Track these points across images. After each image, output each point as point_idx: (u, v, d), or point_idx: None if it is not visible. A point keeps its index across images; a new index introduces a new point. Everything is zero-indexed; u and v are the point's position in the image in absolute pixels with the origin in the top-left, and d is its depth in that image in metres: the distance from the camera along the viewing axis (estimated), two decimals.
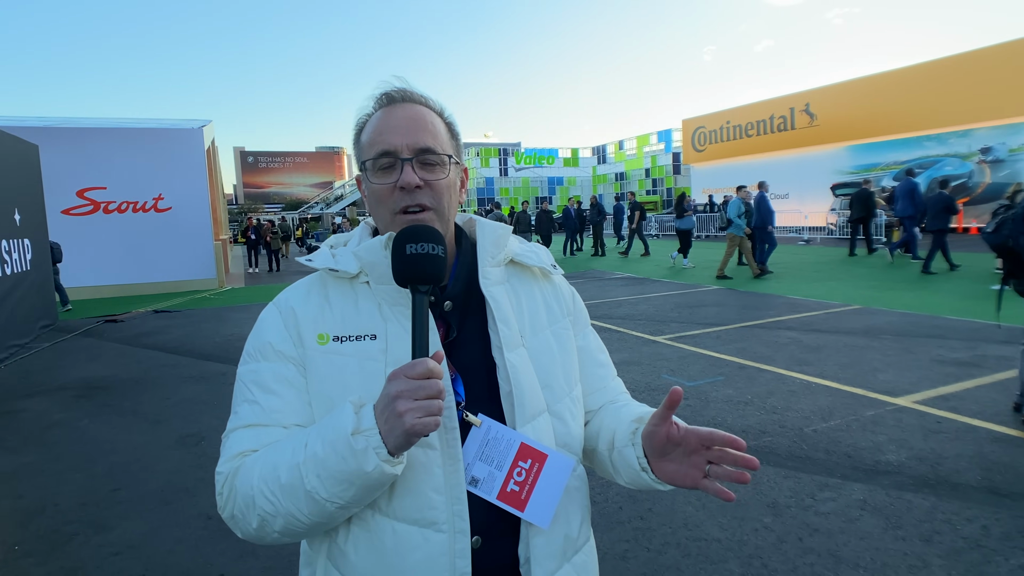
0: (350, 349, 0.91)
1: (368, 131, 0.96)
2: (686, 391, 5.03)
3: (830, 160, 24.58)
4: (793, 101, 26.03)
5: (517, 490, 0.89)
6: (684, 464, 0.87)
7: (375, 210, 0.97)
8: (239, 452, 0.88)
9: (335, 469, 0.79)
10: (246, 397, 0.92)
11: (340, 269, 0.94)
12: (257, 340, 0.95)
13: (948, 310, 7.63)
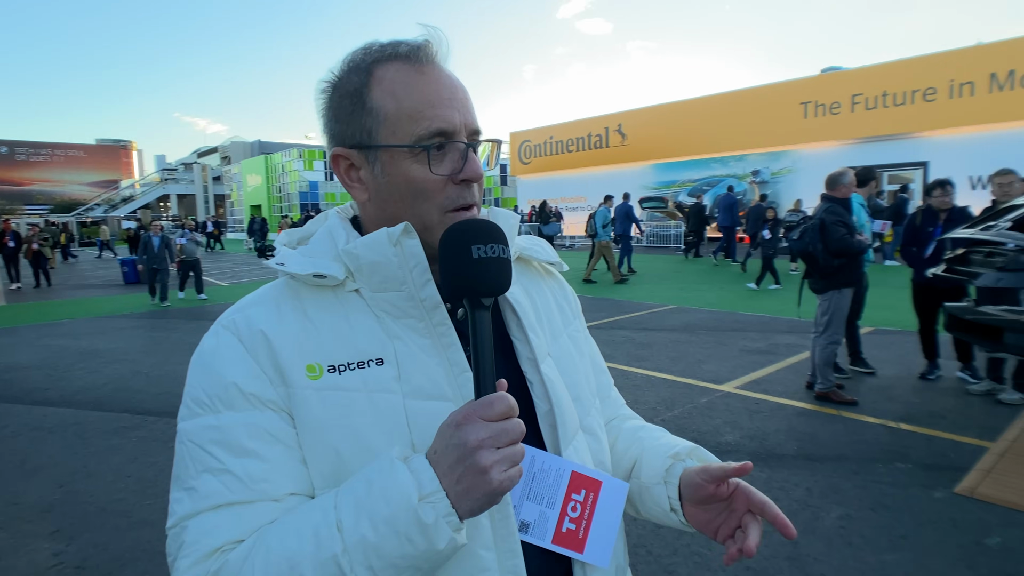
0: (354, 381, 0.69)
1: (401, 96, 0.72)
2: None
3: (638, 176, 27.28)
4: (608, 121, 28.52)
5: (574, 528, 0.75)
6: (721, 516, 0.79)
7: (413, 205, 0.73)
8: (215, 548, 0.63)
9: (395, 555, 0.59)
10: (207, 465, 0.66)
11: (328, 274, 0.71)
12: (210, 382, 0.69)
13: (743, 307, 8.87)
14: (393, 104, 0.72)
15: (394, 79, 0.72)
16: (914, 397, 4.70)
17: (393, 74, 0.73)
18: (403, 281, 0.72)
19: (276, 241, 0.82)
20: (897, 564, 2.59)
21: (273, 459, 0.67)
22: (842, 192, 4.69)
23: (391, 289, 0.72)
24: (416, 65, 0.73)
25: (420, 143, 0.71)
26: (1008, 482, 3.26)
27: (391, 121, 0.72)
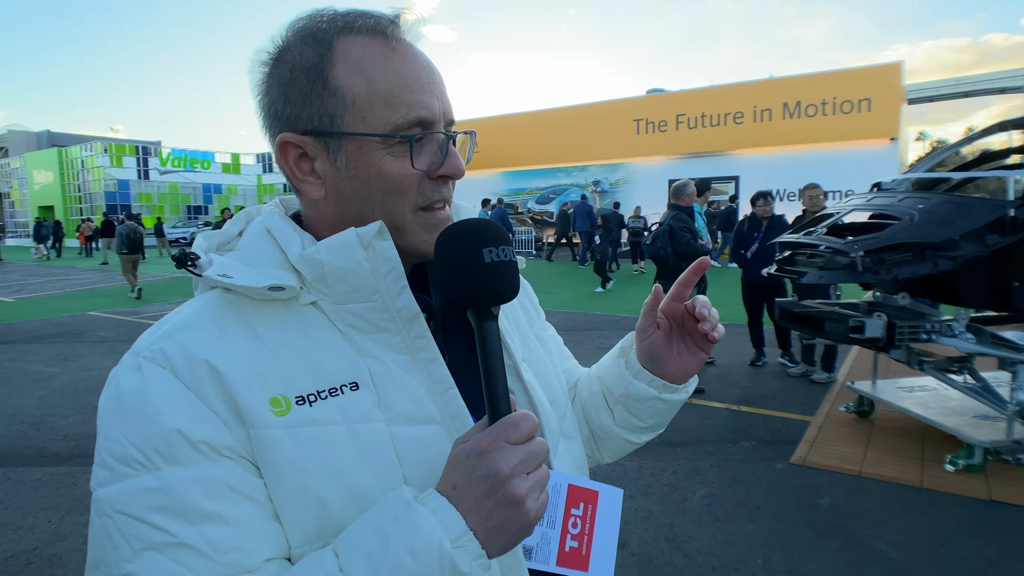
0: (329, 412, 0.58)
1: (374, 75, 0.60)
2: None
3: (489, 183, 27.94)
4: (461, 128, 28.93)
5: (576, 545, 0.70)
6: (685, 346, 0.78)
7: (381, 203, 0.63)
8: None
9: None
10: (150, 541, 0.51)
11: (288, 286, 0.59)
12: (142, 433, 0.53)
13: (596, 307, 9.47)
14: (364, 85, 0.60)
15: (363, 55, 0.61)
16: (748, 382, 5.36)
17: (362, 50, 0.61)
18: (376, 290, 0.61)
19: (197, 248, 0.66)
20: (757, 532, 2.93)
21: (240, 520, 0.53)
22: (686, 201, 5.23)
23: (361, 300, 0.61)
24: (388, 41, 0.62)
25: (399, 132, 0.60)
26: (827, 449, 3.85)
27: (361, 105, 0.60)
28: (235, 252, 0.66)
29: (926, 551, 2.74)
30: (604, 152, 23.56)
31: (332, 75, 0.60)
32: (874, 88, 18.61)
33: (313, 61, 0.61)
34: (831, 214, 3.86)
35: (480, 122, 28.28)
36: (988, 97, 45.94)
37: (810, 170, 17.88)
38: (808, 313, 3.68)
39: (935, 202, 3.43)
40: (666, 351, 0.78)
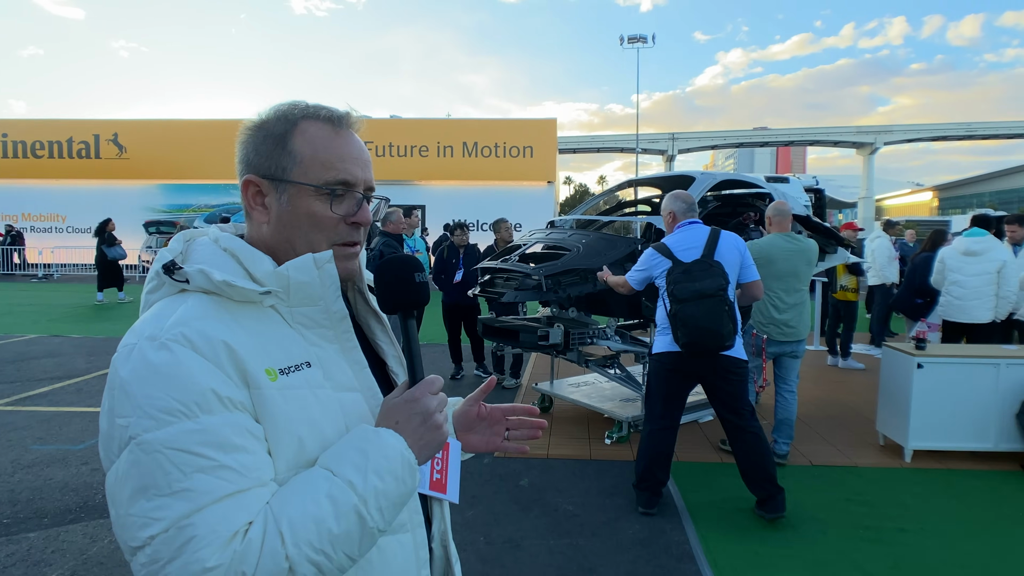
0: (299, 381, 0.81)
1: (316, 146, 0.85)
2: (76, 455, 4.31)
3: (143, 196, 24.07)
4: (99, 128, 24.11)
5: (439, 478, 0.99)
6: (487, 434, 1.07)
7: (307, 233, 0.86)
8: (234, 532, 0.69)
9: (395, 495, 0.77)
10: (199, 466, 0.69)
11: (270, 287, 0.81)
12: (181, 391, 0.71)
13: None
14: (310, 151, 0.85)
15: (316, 134, 0.86)
16: (450, 393, 5.91)
17: (316, 130, 0.87)
18: (320, 297, 0.85)
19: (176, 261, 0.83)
20: (476, 516, 3.39)
21: (256, 451, 0.75)
22: (393, 228, 5.60)
23: (308, 304, 0.85)
24: (336, 128, 0.88)
25: (327, 186, 0.85)
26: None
27: (305, 164, 0.85)
28: (203, 264, 0.81)
29: (598, 504, 3.56)
30: None
31: (291, 142, 0.86)
32: (535, 138, 22.25)
33: (280, 131, 0.86)
34: (520, 245, 4.68)
35: (128, 124, 24.30)
36: (612, 153, 59.21)
37: (487, 204, 20.40)
38: (506, 327, 4.38)
39: (592, 238, 4.48)
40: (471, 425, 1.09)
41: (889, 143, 54.73)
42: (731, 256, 3.38)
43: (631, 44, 38.49)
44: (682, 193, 3.63)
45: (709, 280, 3.21)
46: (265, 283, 0.81)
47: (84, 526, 3.25)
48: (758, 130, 61.50)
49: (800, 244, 4.15)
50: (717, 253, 3.33)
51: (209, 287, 0.79)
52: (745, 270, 3.45)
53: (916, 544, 3.15)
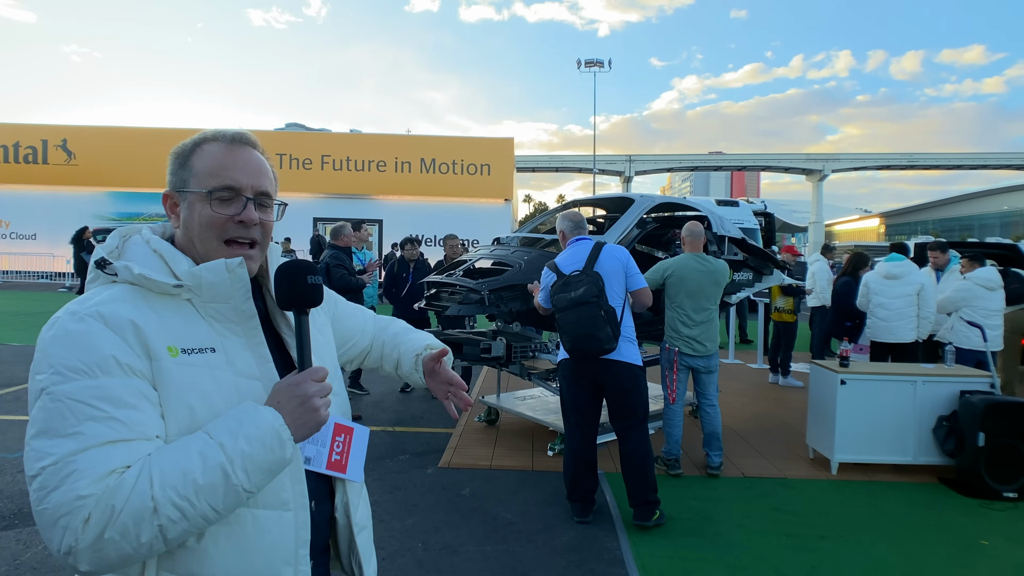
0: (199, 361, 0.94)
1: (207, 160, 1.02)
2: (12, 462, 4.18)
3: (90, 204, 23.29)
4: (47, 132, 23.31)
5: (339, 459, 1.11)
6: (440, 388, 1.32)
7: (198, 231, 1.01)
8: (111, 470, 0.82)
9: (262, 460, 0.88)
10: (90, 415, 0.84)
11: (182, 281, 0.95)
12: (87, 355, 0.86)
13: None
14: (202, 166, 1.02)
15: (210, 151, 1.03)
16: (400, 406, 5.98)
17: (211, 148, 1.04)
18: (230, 297, 1.00)
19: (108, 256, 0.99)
20: (415, 525, 3.43)
21: (145, 411, 0.88)
22: (343, 241, 5.64)
23: (219, 302, 0.99)
24: (228, 145, 1.04)
25: (211, 191, 1.01)
26: (466, 452, 4.66)
27: (198, 176, 1.02)
28: (133, 262, 0.96)
29: (536, 513, 3.65)
30: None
31: (190, 160, 1.03)
32: (493, 156, 22.46)
33: (185, 152, 1.04)
34: (465, 260, 4.79)
35: (77, 130, 23.57)
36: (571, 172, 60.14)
37: (445, 220, 20.46)
38: (450, 339, 4.47)
39: (535, 255, 4.62)
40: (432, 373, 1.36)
41: (837, 170, 57.21)
42: (611, 266, 3.55)
43: (588, 68, 39.44)
44: (570, 212, 3.87)
45: (584, 289, 3.41)
46: (182, 280, 0.96)
47: (18, 532, 3.22)
48: (713, 154, 63.56)
49: (709, 265, 4.33)
50: (597, 264, 3.52)
51: (132, 279, 0.95)
52: (630, 278, 3.59)
53: (833, 550, 3.32)
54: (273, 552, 0.97)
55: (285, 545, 0.98)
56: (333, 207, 21.64)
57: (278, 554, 0.97)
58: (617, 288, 3.53)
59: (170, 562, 0.90)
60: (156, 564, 0.90)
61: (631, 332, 3.54)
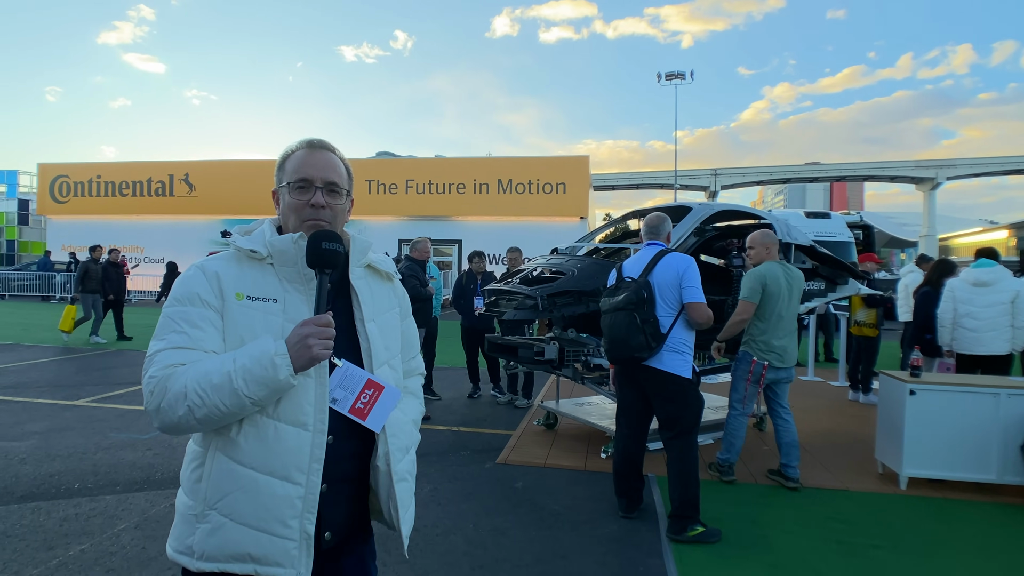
0: (258, 306, 1.29)
1: (292, 162, 1.38)
2: (143, 442, 4.91)
3: (208, 230, 25.74)
4: (173, 168, 26.17)
5: (362, 407, 1.33)
6: None
7: (288, 216, 1.37)
8: (171, 364, 1.21)
9: (258, 375, 1.18)
10: (174, 328, 1.24)
11: (256, 250, 1.32)
12: (185, 290, 1.27)
13: None
14: (290, 166, 1.39)
15: (296, 156, 1.40)
16: (466, 410, 6.34)
17: (297, 154, 1.40)
18: (295, 262, 1.32)
19: (234, 231, 1.41)
20: (470, 509, 3.74)
21: (209, 333, 1.26)
22: (417, 254, 6.12)
23: (287, 265, 1.33)
24: (309, 149, 1.40)
25: (290, 183, 1.37)
26: (523, 451, 4.92)
27: (287, 174, 1.39)
28: (250, 236, 1.38)
29: (584, 507, 3.84)
30: None
31: (283, 165, 1.40)
32: (568, 175, 22.74)
33: (281, 160, 1.41)
34: (523, 269, 5.10)
35: (197, 165, 26.20)
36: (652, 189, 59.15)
37: (520, 239, 20.80)
38: (507, 344, 4.77)
39: (587, 263, 4.86)
40: None
41: (953, 178, 52.46)
42: (665, 275, 3.50)
43: (669, 81, 38.86)
44: (652, 216, 3.83)
45: (624, 295, 3.47)
46: (261, 248, 1.32)
47: (146, 494, 3.89)
48: (809, 165, 60.24)
49: (793, 272, 4.29)
50: (653, 272, 3.53)
51: (235, 248, 1.34)
52: (684, 291, 3.47)
53: (886, 559, 3.22)
54: (288, 457, 1.24)
55: (300, 455, 1.25)
56: (417, 229, 22.67)
57: (292, 460, 1.24)
58: (669, 298, 3.49)
59: (220, 445, 1.25)
60: (215, 445, 1.26)
61: (680, 343, 3.47)
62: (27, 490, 3.91)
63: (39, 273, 22.97)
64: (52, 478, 4.13)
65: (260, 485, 1.23)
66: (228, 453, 1.24)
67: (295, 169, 1.36)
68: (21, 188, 32.64)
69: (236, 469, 1.23)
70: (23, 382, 7.29)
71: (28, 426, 5.37)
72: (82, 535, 3.29)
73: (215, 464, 1.25)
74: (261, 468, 1.23)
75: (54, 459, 4.52)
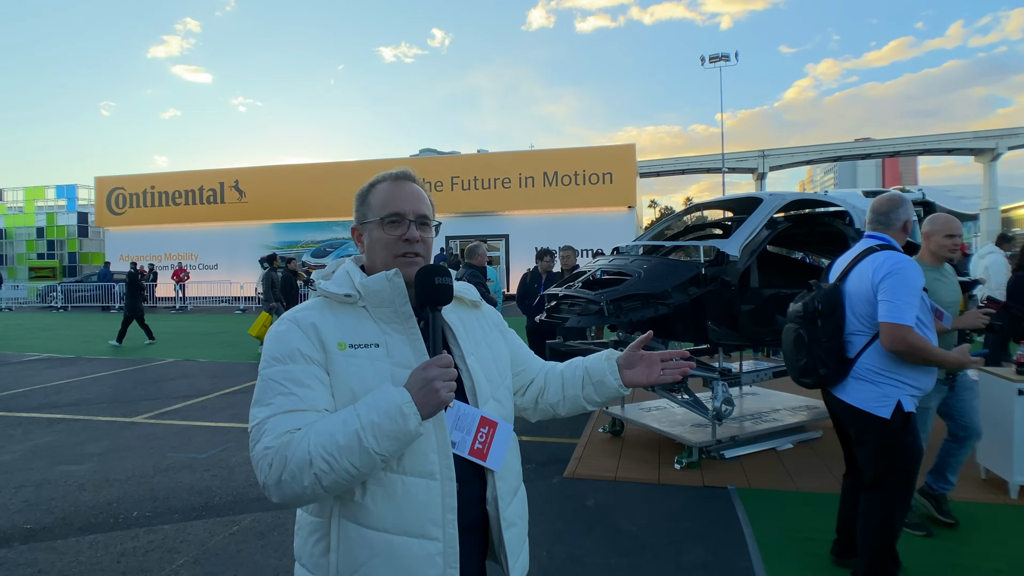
0: (362, 354, 1.19)
1: (379, 196, 1.30)
2: (200, 462, 4.87)
3: (258, 235, 26.35)
4: (223, 176, 26.87)
5: (480, 447, 1.25)
6: (644, 372, 1.40)
7: (378, 252, 1.28)
8: (286, 430, 1.09)
9: (388, 430, 1.07)
10: (279, 391, 1.13)
11: (350, 294, 1.23)
12: (283, 348, 1.17)
13: None
14: (376, 201, 1.30)
15: (381, 188, 1.31)
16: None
17: (382, 187, 1.32)
18: (392, 302, 1.22)
19: (315, 277, 1.31)
20: (540, 533, 3.51)
21: (317, 389, 1.15)
22: (478, 260, 5.95)
23: (383, 306, 1.23)
24: (395, 182, 1.32)
25: (382, 218, 1.27)
26: (591, 463, 4.67)
27: (374, 209, 1.29)
28: (332, 280, 1.28)
29: (663, 527, 3.57)
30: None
31: (368, 199, 1.31)
32: (614, 164, 22.28)
33: (364, 193, 1.33)
34: (584, 271, 4.83)
35: (245, 171, 26.79)
36: (698, 174, 57.78)
37: (568, 231, 20.57)
38: (569, 350, 4.52)
39: (654, 263, 4.55)
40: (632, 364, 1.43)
41: (1015, 147, 49.41)
42: (856, 284, 2.71)
43: (712, 63, 37.67)
44: (878, 200, 2.89)
45: (798, 304, 2.88)
46: (353, 291, 1.22)
47: (205, 523, 3.76)
48: (859, 142, 57.60)
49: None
50: (849, 276, 2.77)
51: (323, 294, 1.25)
52: (880, 304, 2.58)
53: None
54: (422, 512, 1.15)
55: (432, 508, 1.16)
56: (463, 225, 22.61)
57: (426, 514, 1.16)
58: (860, 312, 2.69)
59: (345, 512, 1.16)
60: (338, 512, 1.16)
61: (873, 371, 2.64)
62: (85, 521, 3.81)
63: (99, 284, 23.89)
64: (110, 506, 4.04)
65: (396, 548, 1.15)
66: (356, 519, 1.15)
67: (384, 203, 1.28)
68: (80, 201, 34.07)
69: (368, 535, 1.15)
70: (84, 398, 7.40)
71: (88, 447, 5.36)
72: (139, 573, 3.17)
73: (342, 533, 1.16)
74: (394, 529, 1.15)
75: (112, 484, 4.44)
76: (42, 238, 34.40)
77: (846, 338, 2.73)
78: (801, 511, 3.71)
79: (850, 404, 2.70)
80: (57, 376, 8.95)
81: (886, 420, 2.61)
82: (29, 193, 34.73)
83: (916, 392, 2.66)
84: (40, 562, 3.28)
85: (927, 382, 2.69)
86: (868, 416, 2.64)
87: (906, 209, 2.80)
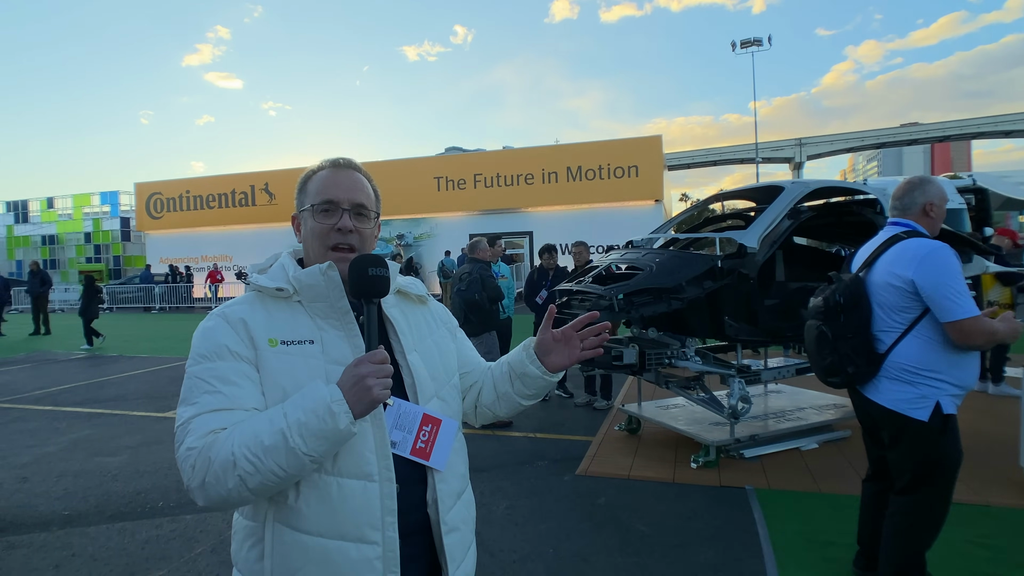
0: (295, 351, 1.14)
1: (316, 183, 1.24)
2: None
3: (288, 237, 26.52)
4: (254, 179, 27.43)
5: (423, 447, 1.19)
6: (564, 352, 1.30)
7: (310, 243, 1.23)
8: (210, 430, 1.04)
9: (316, 429, 1.01)
10: (205, 389, 1.08)
11: (282, 288, 1.17)
12: (210, 345, 1.12)
13: None
14: (313, 188, 1.24)
15: (319, 176, 1.26)
16: (542, 413, 6.06)
17: (320, 174, 1.26)
18: (327, 296, 1.17)
19: (249, 270, 1.26)
20: (549, 530, 3.45)
21: (245, 387, 1.10)
22: (480, 255, 5.88)
23: (319, 301, 1.17)
24: (332, 169, 1.26)
25: (314, 205, 1.22)
26: (605, 460, 4.58)
27: (308, 196, 1.24)
28: (267, 274, 1.23)
29: (674, 527, 3.48)
30: (407, 207, 24.04)
31: (305, 187, 1.26)
32: (640, 157, 21.92)
33: (303, 182, 1.27)
34: (596, 266, 4.73)
35: (276, 174, 27.25)
36: (731, 165, 56.58)
37: (593, 226, 20.33)
38: None
39: (666, 257, 4.43)
40: (550, 348, 1.32)
41: None
42: (882, 275, 2.52)
43: (744, 49, 36.74)
44: (900, 185, 2.70)
45: (816, 298, 2.70)
46: (286, 285, 1.17)
47: (223, 514, 3.84)
48: (906, 127, 55.43)
49: None
50: (875, 267, 2.58)
51: (255, 288, 1.20)
52: (933, 303, 2.36)
53: None
54: (359, 515, 1.10)
55: (371, 511, 1.11)
56: (486, 223, 22.57)
57: (363, 518, 1.10)
58: (888, 304, 2.49)
59: (279, 515, 1.10)
60: (272, 516, 1.11)
61: (906, 370, 2.45)
62: (116, 509, 4.01)
63: (141, 285, 24.73)
64: (139, 496, 4.23)
65: (332, 553, 1.09)
66: (289, 523, 1.10)
67: (319, 190, 1.22)
68: (122, 207, 35.25)
69: (302, 540, 1.09)
70: (122, 394, 7.70)
71: (123, 440, 5.61)
72: (161, 559, 3.29)
73: (276, 538, 1.11)
74: (330, 533, 1.09)
75: (142, 475, 4.65)
76: (89, 243, 35.76)
77: (874, 333, 2.55)
78: (822, 513, 3.57)
79: (883, 405, 2.52)
80: (100, 373, 9.34)
81: (924, 423, 2.42)
82: (77, 200, 36.09)
83: (958, 391, 2.45)
84: (74, 546, 3.50)
85: (970, 379, 2.47)
86: (904, 418, 2.46)
87: (923, 191, 2.61)
